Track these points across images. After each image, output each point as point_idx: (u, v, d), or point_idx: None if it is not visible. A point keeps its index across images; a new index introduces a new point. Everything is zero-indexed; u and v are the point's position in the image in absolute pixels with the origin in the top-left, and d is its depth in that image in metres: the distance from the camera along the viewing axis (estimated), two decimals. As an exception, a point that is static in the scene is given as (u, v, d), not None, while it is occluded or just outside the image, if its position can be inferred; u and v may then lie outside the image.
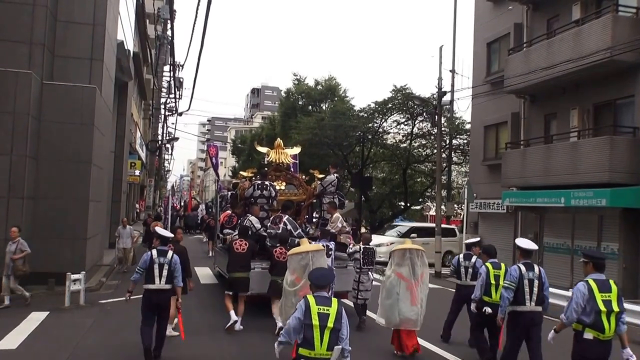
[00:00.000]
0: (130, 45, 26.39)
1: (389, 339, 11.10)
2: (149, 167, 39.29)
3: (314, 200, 17.20)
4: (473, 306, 10.61)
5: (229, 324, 12.11)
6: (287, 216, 14.50)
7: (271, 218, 14.91)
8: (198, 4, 17.61)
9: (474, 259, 11.93)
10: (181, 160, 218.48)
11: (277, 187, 16.36)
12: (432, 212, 53.60)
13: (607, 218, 19.80)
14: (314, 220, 17.52)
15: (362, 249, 13.13)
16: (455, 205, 40.31)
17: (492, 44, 27.41)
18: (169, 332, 10.73)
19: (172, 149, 73.15)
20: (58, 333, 11.67)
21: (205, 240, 29.73)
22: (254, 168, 22.86)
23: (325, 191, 16.35)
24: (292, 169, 18.84)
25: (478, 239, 12.28)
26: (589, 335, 7.38)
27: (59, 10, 17.70)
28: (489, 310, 10.12)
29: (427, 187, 44.33)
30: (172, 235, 11.13)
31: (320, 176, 17.37)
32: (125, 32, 24.12)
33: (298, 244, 11.46)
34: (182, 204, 58.71)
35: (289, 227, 14.13)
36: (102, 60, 18.31)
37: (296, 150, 20.55)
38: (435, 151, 40.27)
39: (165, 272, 9.70)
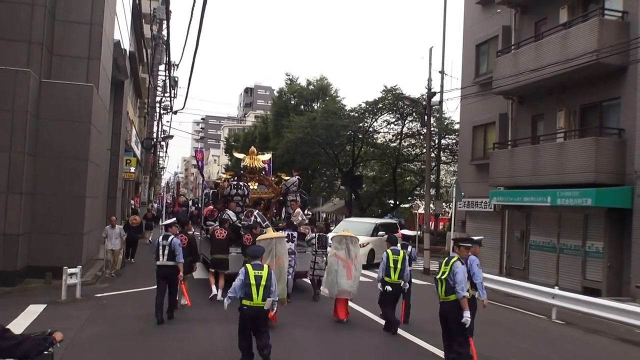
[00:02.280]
0: (126, 44, 26.64)
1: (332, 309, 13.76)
2: (144, 164, 39.51)
3: (281, 198, 20.48)
4: (384, 287, 12.46)
5: (211, 295, 14.95)
6: (257, 211, 17.88)
7: (245, 212, 18.11)
8: (193, 5, 17.91)
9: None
10: (176, 157, 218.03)
11: (251, 187, 19.66)
12: (421, 210, 53.92)
13: (592, 217, 20.23)
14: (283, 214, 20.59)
15: (317, 236, 16.33)
16: (444, 204, 40.71)
17: (481, 46, 27.83)
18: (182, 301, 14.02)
19: (166, 147, 73.22)
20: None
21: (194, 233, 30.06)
22: (232, 171, 26.62)
23: (289, 190, 19.90)
24: (266, 171, 21.76)
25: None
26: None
27: (57, 10, 17.97)
28: (389, 288, 12.26)
29: (416, 185, 44.71)
30: (172, 221, 13.72)
31: (286, 178, 20.77)
32: (121, 31, 24.38)
33: (262, 232, 14.57)
34: (172, 201, 59.21)
35: (258, 219, 17.19)
36: (99, 59, 18.57)
37: (267, 156, 23.58)
38: (424, 150, 40.74)
39: (166, 252, 12.64)
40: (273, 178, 21.76)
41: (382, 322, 13.01)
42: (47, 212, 16.87)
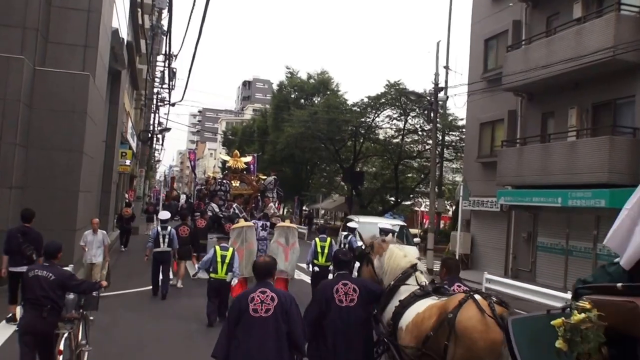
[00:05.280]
0: (124, 33, 25.98)
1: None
2: (140, 157, 38.96)
3: (258, 195, 24.61)
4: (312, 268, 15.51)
5: (193, 273, 17.21)
6: (235, 204, 21.98)
7: (226, 205, 22.31)
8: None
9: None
10: (172, 150, 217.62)
11: (233, 184, 24.50)
12: (422, 208, 53.49)
13: (604, 219, 19.54)
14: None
15: None
16: (446, 202, 40.30)
17: (490, 41, 27.22)
18: (179, 284, 17.22)
19: (163, 140, 72.74)
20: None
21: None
22: (217, 172, 32.67)
23: (267, 188, 24.31)
24: (250, 171, 27.77)
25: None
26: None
27: (53, -5, 17.27)
28: (316, 269, 15.05)
29: (418, 182, 44.27)
30: (168, 216, 17.11)
31: (264, 177, 25.94)
32: (120, 20, 23.68)
33: (237, 222, 17.37)
34: (165, 194, 60.11)
35: (236, 211, 20.97)
36: (96, 47, 17.81)
37: (248, 158, 29.59)
38: (427, 147, 40.23)
39: (166, 240, 15.72)
40: (253, 177, 26.42)
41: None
42: (38, 206, 15.85)
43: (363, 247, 7.58)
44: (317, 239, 15.54)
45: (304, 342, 6.08)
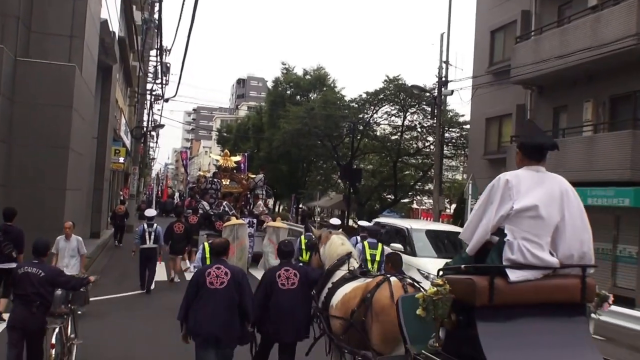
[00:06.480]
0: (115, 27, 24.96)
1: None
2: (134, 155, 38.10)
3: (248, 193, 25.72)
4: None
5: (184, 267, 18.55)
6: (225, 202, 23.15)
7: (216, 203, 23.46)
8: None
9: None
10: (166, 148, 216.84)
11: (223, 183, 25.98)
12: (421, 206, 52.64)
13: (625, 219, 18.56)
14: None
15: None
16: (445, 200, 39.46)
17: (496, 32, 26.23)
18: (176, 279, 17.55)
19: (157, 137, 71.84)
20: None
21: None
22: (208, 171, 34.19)
23: (257, 186, 25.39)
24: (241, 169, 29.39)
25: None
26: None
27: (35, -19, 16.20)
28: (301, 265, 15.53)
29: (417, 180, 43.46)
30: (154, 214, 17.12)
31: (253, 176, 27.19)
32: (110, 12, 22.62)
33: (229, 219, 17.99)
34: (160, 192, 60.36)
35: (226, 209, 21.88)
36: (82, 38, 16.91)
37: (238, 157, 31.01)
38: (427, 144, 39.35)
39: (152, 236, 15.92)
40: (243, 176, 27.81)
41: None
42: (22, 206, 14.82)
43: (314, 238, 9.10)
44: (302, 237, 16.04)
45: (252, 310, 7.25)
